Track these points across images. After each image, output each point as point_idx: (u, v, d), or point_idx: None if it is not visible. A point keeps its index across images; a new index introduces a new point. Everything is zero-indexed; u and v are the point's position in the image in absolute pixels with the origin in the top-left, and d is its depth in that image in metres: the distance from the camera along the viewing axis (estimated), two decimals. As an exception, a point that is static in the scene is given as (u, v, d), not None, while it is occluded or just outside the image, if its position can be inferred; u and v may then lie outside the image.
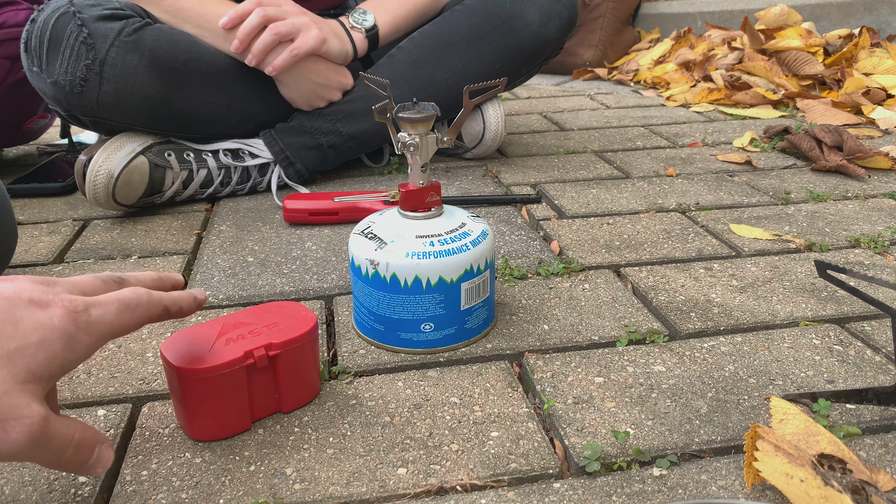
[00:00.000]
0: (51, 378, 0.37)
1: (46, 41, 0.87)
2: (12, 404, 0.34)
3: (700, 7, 2.34)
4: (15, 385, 0.35)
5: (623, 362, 0.58)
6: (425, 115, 0.57)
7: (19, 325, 0.36)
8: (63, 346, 0.37)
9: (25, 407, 0.34)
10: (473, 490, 0.45)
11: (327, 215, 0.90)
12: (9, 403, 0.34)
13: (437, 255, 0.57)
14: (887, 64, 1.59)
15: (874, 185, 1.02)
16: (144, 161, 0.93)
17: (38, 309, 0.37)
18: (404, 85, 1.04)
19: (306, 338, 0.51)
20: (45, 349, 0.36)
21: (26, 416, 0.34)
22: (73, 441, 0.37)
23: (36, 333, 0.36)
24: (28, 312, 0.36)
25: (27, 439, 0.34)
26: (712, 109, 1.59)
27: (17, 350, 0.35)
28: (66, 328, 0.37)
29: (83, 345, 0.38)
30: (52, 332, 0.36)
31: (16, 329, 0.36)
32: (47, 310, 0.37)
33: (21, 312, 0.36)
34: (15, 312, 0.36)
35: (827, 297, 0.69)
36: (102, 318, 0.39)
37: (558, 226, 0.88)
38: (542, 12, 1.06)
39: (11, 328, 0.35)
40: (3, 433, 0.34)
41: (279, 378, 0.51)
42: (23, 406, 0.34)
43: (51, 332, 0.36)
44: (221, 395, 0.48)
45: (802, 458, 0.43)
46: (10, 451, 0.35)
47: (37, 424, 0.35)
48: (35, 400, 0.35)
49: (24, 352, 0.35)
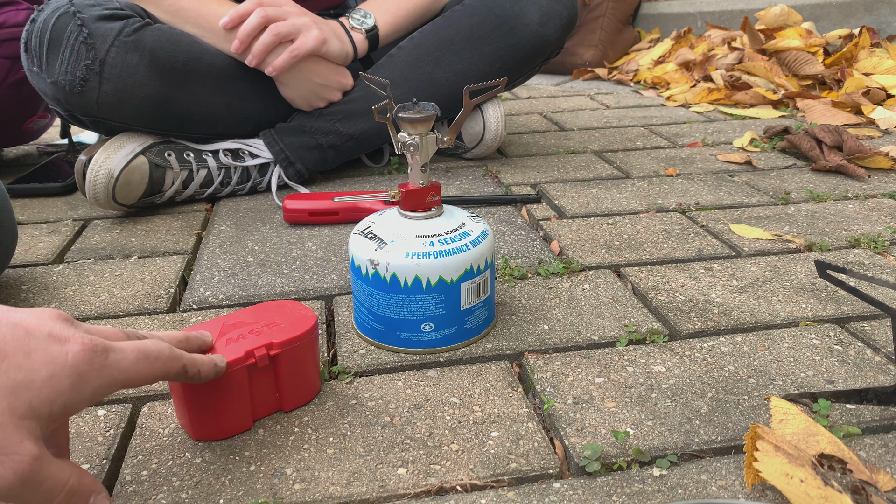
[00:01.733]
0: (50, 417, 0.35)
1: (46, 41, 0.87)
2: (5, 439, 0.33)
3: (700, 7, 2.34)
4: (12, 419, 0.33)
5: (623, 362, 0.58)
6: (425, 115, 0.57)
7: (31, 356, 0.35)
8: (70, 385, 0.35)
9: (17, 444, 0.33)
10: (473, 490, 0.45)
11: (327, 215, 0.90)
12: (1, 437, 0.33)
13: (437, 255, 0.57)
14: (887, 64, 1.59)
15: (874, 185, 1.02)
16: (144, 161, 0.93)
17: (55, 343, 0.36)
18: (404, 85, 1.04)
19: (307, 336, 0.51)
20: (51, 386, 0.35)
21: (16, 452, 0.33)
22: (65, 486, 0.36)
23: (46, 368, 0.35)
24: (43, 345, 0.35)
25: (14, 477, 0.33)
26: (712, 109, 1.59)
27: (22, 383, 0.34)
28: (78, 366, 0.36)
29: (91, 387, 0.36)
30: (62, 368, 0.35)
31: (27, 360, 0.34)
32: (64, 345, 0.36)
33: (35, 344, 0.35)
34: (29, 343, 0.35)
35: (827, 297, 0.69)
36: (118, 363, 0.38)
37: (558, 226, 0.88)
38: (542, 12, 1.06)
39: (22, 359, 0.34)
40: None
41: (280, 377, 0.51)
42: (15, 442, 0.33)
43: (61, 369, 0.35)
44: (223, 395, 0.48)
45: (802, 458, 0.43)
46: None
47: (26, 463, 0.33)
48: (29, 438, 0.34)
49: (30, 385, 0.34)
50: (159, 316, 0.68)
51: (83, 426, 0.52)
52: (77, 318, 0.68)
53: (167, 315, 0.68)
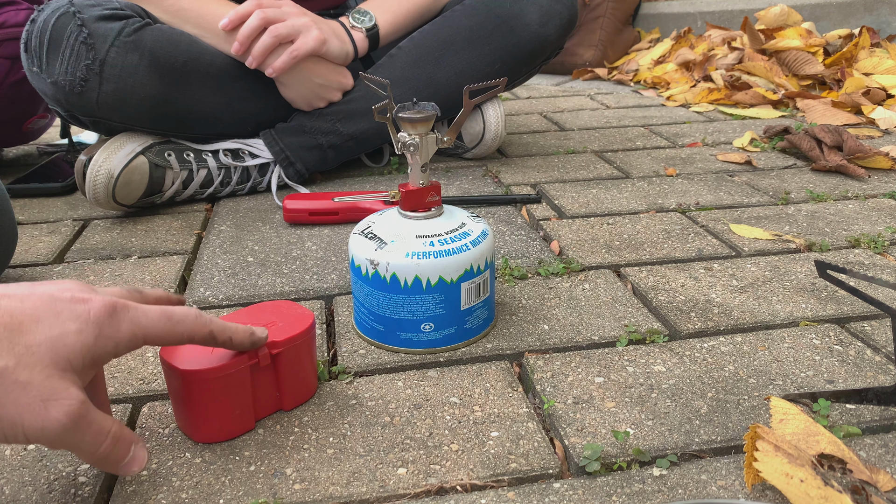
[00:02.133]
0: (83, 369, 0.38)
1: (46, 41, 0.87)
2: (54, 387, 0.36)
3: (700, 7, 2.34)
4: (55, 370, 0.37)
5: (623, 362, 0.58)
6: (425, 115, 0.57)
7: (60, 315, 0.38)
8: (94, 338, 0.38)
9: (65, 390, 0.37)
10: (473, 490, 0.45)
11: (327, 215, 0.90)
12: (50, 386, 0.36)
13: (437, 255, 0.57)
14: (887, 64, 1.59)
15: (874, 185, 1.02)
16: (144, 161, 0.93)
17: (78, 303, 0.39)
18: (404, 85, 1.04)
19: (306, 335, 0.52)
20: (80, 339, 0.38)
21: (66, 398, 0.36)
22: (110, 432, 0.39)
23: (74, 323, 0.38)
24: (69, 306, 0.39)
25: (68, 419, 0.36)
26: (712, 109, 1.59)
27: (58, 338, 0.37)
28: (99, 321, 0.39)
29: (112, 340, 0.39)
30: (86, 323, 0.38)
31: (56, 319, 0.38)
32: (86, 304, 0.39)
33: (62, 306, 0.38)
34: (56, 305, 0.38)
35: (827, 297, 0.69)
36: (137, 318, 0.40)
37: (558, 226, 0.88)
38: (542, 12, 1.06)
39: (53, 318, 0.38)
40: (45, 412, 0.36)
41: (281, 376, 0.51)
42: (63, 388, 0.37)
43: (86, 324, 0.38)
44: (227, 396, 0.48)
45: (802, 458, 0.43)
46: (52, 431, 0.36)
47: (76, 406, 0.37)
48: (74, 385, 0.37)
49: (65, 339, 0.37)
50: (159, 316, 0.68)
51: (83, 426, 0.52)
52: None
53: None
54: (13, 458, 0.48)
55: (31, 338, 0.37)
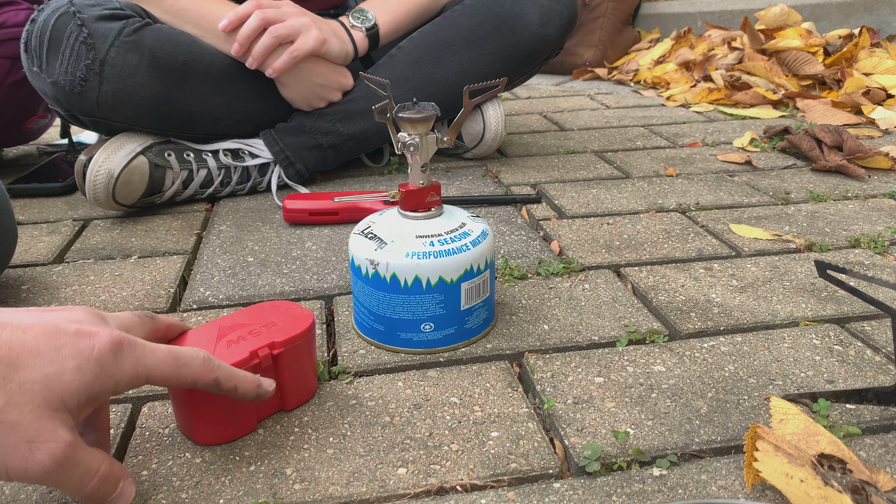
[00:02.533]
0: (79, 407, 0.37)
1: (46, 41, 0.87)
2: (41, 428, 0.36)
3: (700, 7, 2.34)
4: (47, 411, 0.36)
5: (623, 362, 0.58)
6: (425, 115, 0.57)
7: (61, 351, 0.37)
8: (94, 377, 0.37)
9: (52, 432, 0.36)
10: (473, 490, 0.45)
11: (327, 215, 0.90)
12: (38, 427, 0.36)
13: (437, 255, 0.57)
14: (887, 64, 1.59)
15: (874, 185, 1.02)
16: (144, 161, 0.93)
17: (82, 338, 0.38)
18: (404, 85, 1.04)
19: (306, 335, 0.52)
20: (78, 378, 0.37)
21: (53, 440, 0.36)
22: (97, 472, 0.39)
23: (74, 360, 0.37)
24: (72, 340, 0.38)
25: (52, 462, 0.36)
26: (712, 109, 1.59)
27: (54, 376, 0.36)
28: (102, 359, 0.38)
29: (114, 379, 0.38)
30: (87, 361, 0.37)
31: (57, 355, 0.37)
32: (90, 339, 0.38)
33: (65, 340, 0.37)
34: (59, 339, 0.37)
35: (827, 297, 0.69)
36: (142, 359, 0.39)
37: (558, 226, 0.88)
38: (542, 12, 1.06)
39: (53, 353, 0.37)
40: (29, 454, 0.35)
41: (282, 376, 0.51)
42: (50, 430, 0.36)
43: (86, 362, 0.37)
44: (230, 398, 0.48)
45: (802, 458, 0.43)
46: (35, 473, 0.36)
47: (61, 449, 0.36)
48: (63, 427, 0.37)
49: (61, 378, 0.36)
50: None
51: (83, 426, 0.52)
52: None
53: (167, 315, 0.68)
54: (13, 458, 0.48)
55: (25, 374, 0.36)
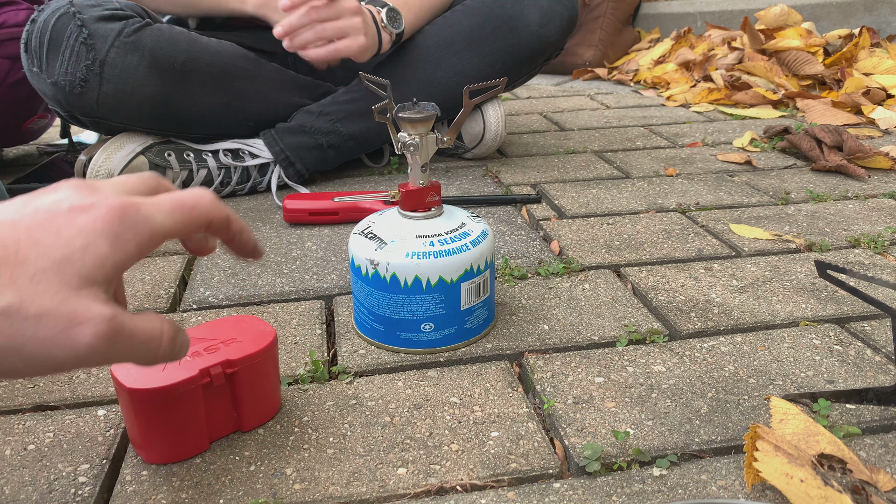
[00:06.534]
0: (106, 280, 0.35)
1: (46, 41, 0.87)
2: (72, 310, 0.33)
3: (700, 7, 2.34)
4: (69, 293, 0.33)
5: (623, 362, 0.58)
6: (425, 115, 0.57)
7: (61, 234, 0.35)
8: (110, 246, 0.35)
9: (85, 311, 0.33)
10: (473, 490, 0.45)
11: (327, 215, 0.90)
12: (68, 310, 0.33)
13: (437, 255, 0.57)
14: (887, 64, 1.59)
15: (874, 185, 1.02)
16: (144, 161, 0.93)
17: (80, 214, 0.35)
18: (404, 85, 1.04)
19: (265, 353, 0.49)
20: (91, 253, 0.35)
21: (89, 318, 0.33)
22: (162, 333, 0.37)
23: (78, 239, 0.35)
24: (69, 219, 0.35)
25: (98, 341, 0.33)
26: (712, 109, 1.59)
27: (63, 259, 0.34)
28: (110, 228, 0.35)
29: (132, 243, 0.36)
30: (94, 235, 0.35)
31: (58, 238, 0.34)
32: (89, 212, 0.35)
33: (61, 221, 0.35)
34: (56, 222, 0.35)
35: (827, 297, 0.69)
36: (152, 216, 0.37)
37: (558, 226, 0.88)
38: (543, 13, 1.06)
39: (53, 239, 0.34)
40: (69, 341, 0.33)
41: (238, 396, 0.49)
42: (83, 310, 0.33)
43: (93, 236, 0.35)
44: (176, 415, 0.46)
45: (802, 458, 0.43)
46: (86, 356, 0.34)
47: (104, 325, 0.34)
48: (96, 302, 0.34)
49: (72, 258, 0.34)
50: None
51: (83, 426, 0.52)
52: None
53: (167, 315, 0.68)
54: (13, 458, 0.48)
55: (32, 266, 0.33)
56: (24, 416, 0.53)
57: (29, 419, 0.53)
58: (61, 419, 0.53)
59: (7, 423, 0.52)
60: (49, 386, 0.57)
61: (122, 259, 0.35)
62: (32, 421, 0.52)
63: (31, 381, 0.57)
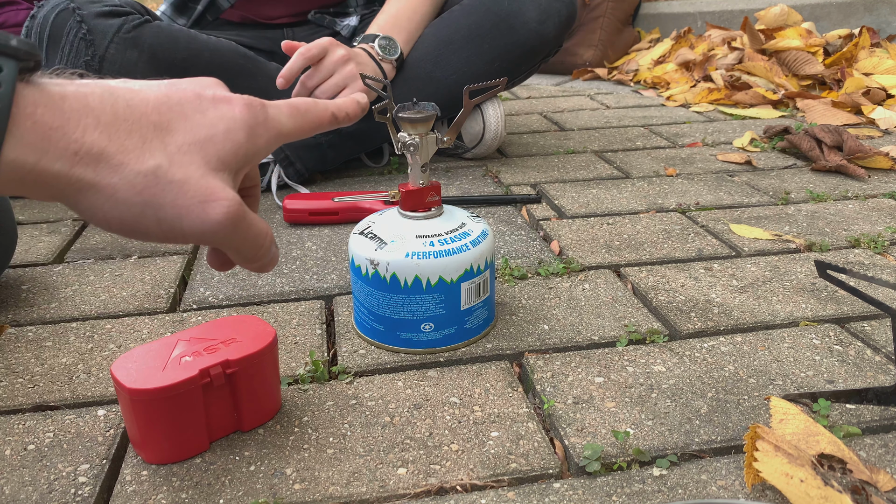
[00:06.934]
0: (237, 168, 0.37)
1: (46, 37, 0.87)
2: (210, 186, 0.35)
3: (700, 7, 2.34)
4: (209, 170, 0.35)
5: (623, 362, 0.58)
6: (425, 115, 0.57)
7: (206, 115, 0.36)
8: (246, 137, 0.37)
9: (222, 189, 0.35)
10: (473, 490, 0.45)
11: (327, 215, 0.90)
12: (207, 185, 0.35)
13: (437, 255, 0.57)
14: (887, 64, 1.59)
15: (874, 185, 1.02)
16: (144, 160, 0.93)
17: (222, 102, 0.38)
18: (404, 85, 1.04)
19: (265, 353, 0.49)
20: (231, 138, 0.37)
21: (224, 198, 0.35)
22: (269, 233, 0.39)
23: (222, 123, 0.37)
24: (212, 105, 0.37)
25: (227, 220, 0.35)
26: (712, 109, 1.59)
27: (207, 138, 0.36)
28: (247, 120, 0.37)
29: (263, 139, 0.38)
30: (234, 122, 0.37)
31: (204, 118, 0.36)
32: (230, 104, 0.38)
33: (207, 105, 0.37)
34: (201, 104, 0.37)
35: (827, 297, 0.69)
36: (277, 116, 0.39)
37: (558, 226, 0.88)
38: (541, 10, 1.05)
39: (200, 118, 0.36)
40: (203, 213, 0.35)
41: (238, 396, 0.49)
42: (219, 188, 0.35)
43: (234, 123, 0.37)
44: (176, 415, 0.46)
45: (802, 458, 0.43)
46: (211, 231, 0.35)
47: (235, 207, 0.35)
48: (228, 186, 0.36)
49: (214, 139, 0.36)
50: (159, 316, 0.68)
51: (83, 426, 0.52)
52: (77, 318, 0.68)
53: (167, 315, 0.68)
54: (13, 458, 0.48)
55: (181, 137, 0.35)
56: (24, 416, 0.53)
57: (29, 419, 0.53)
58: (61, 419, 0.52)
59: (7, 423, 0.52)
60: (49, 386, 0.57)
61: (252, 151, 0.38)
62: (32, 421, 0.52)
63: (31, 382, 0.57)
